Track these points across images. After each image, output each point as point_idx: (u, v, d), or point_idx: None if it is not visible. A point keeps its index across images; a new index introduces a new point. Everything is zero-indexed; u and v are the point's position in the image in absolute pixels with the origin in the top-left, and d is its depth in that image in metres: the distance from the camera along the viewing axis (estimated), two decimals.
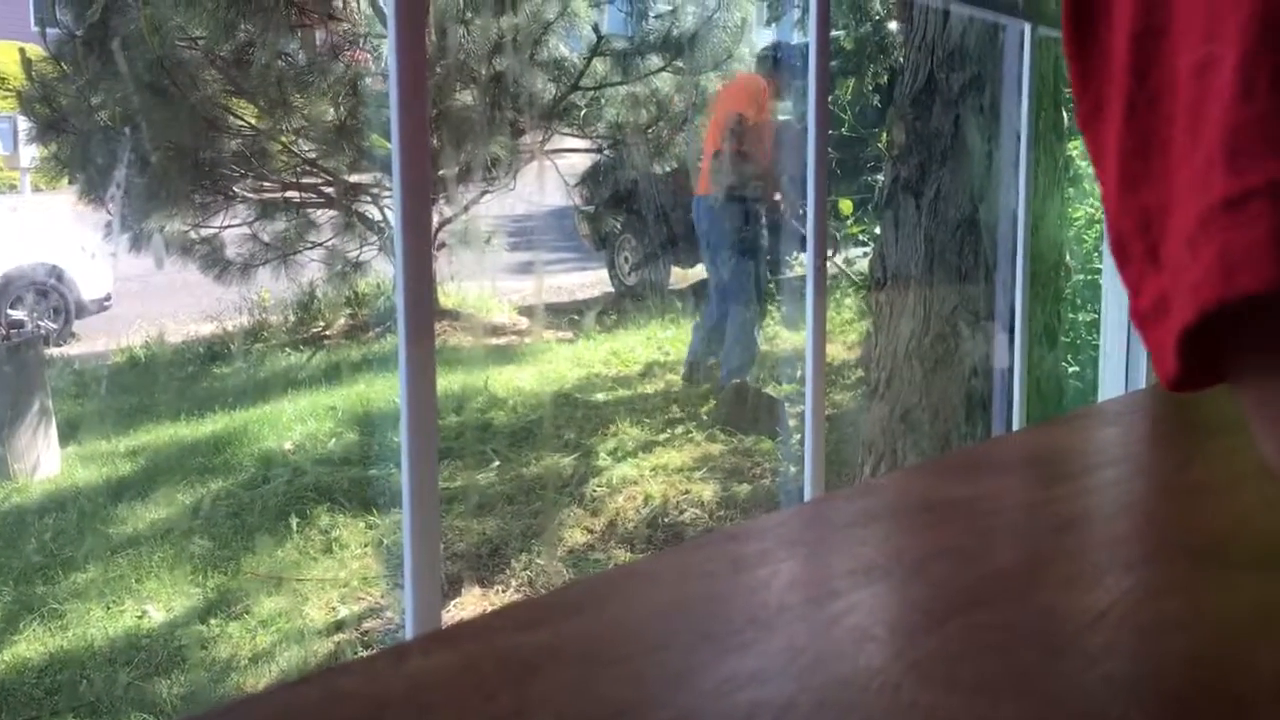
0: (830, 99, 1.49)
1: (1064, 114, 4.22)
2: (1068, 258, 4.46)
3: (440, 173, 6.46)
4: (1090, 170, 5.05)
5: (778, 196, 6.67)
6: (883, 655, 0.54)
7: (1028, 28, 2.03)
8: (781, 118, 6.80)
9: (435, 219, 6.62)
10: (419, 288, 1.09)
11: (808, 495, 1.48)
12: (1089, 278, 4.83)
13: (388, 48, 1.01)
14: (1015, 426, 2.01)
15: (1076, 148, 4.93)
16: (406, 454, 1.08)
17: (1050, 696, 0.50)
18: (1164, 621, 0.58)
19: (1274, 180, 0.27)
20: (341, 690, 0.50)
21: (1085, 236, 5.10)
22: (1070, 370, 4.56)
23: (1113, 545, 0.73)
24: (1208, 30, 0.30)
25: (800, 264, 7.66)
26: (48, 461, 5.22)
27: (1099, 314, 4.47)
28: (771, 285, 6.98)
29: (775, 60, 7.03)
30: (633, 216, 8.12)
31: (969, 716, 0.49)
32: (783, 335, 7.17)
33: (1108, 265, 2.48)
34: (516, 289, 8.21)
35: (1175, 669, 0.53)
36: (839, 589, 0.63)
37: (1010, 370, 2.59)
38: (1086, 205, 5.12)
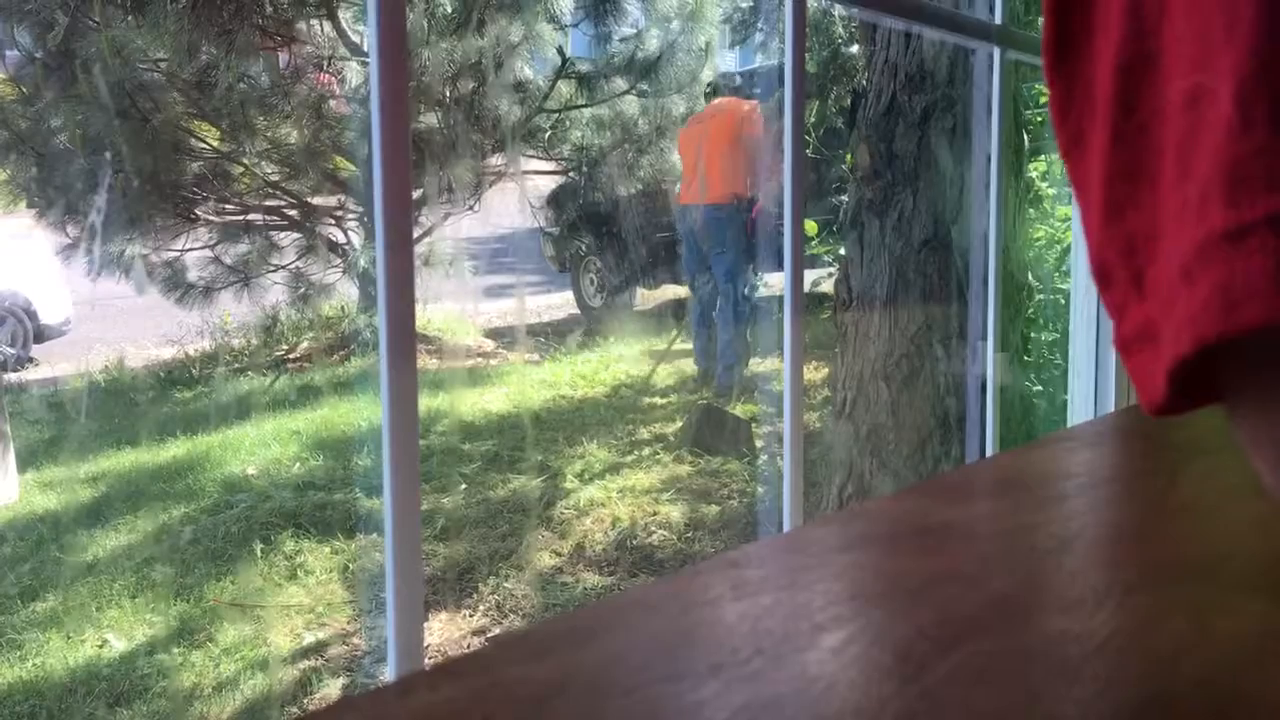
0: None
1: (1024, 135, 4.26)
2: (1030, 277, 4.50)
3: None
4: (1050, 191, 5.12)
5: (757, 210, 6.79)
6: (894, 683, 0.54)
7: (997, 51, 2.05)
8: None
9: None
10: (401, 309, 1.08)
11: (786, 516, 1.47)
12: (1051, 297, 4.88)
13: (370, 70, 1.01)
14: (989, 446, 2.02)
15: (1037, 169, 4.98)
16: (389, 477, 1.07)
17: None
18: (1172, 645, 0.58)
19: (1274, 214, 0.27)
20: None
21: (1046, 256, 5.15)
22: (1034, 389, 4.60)
23: (1111, 568, 0.73)
24: (1199, 60, 0.30)
25: (765, 285, 7.70)
26: (5, 488, 5.14)
27: (1060, 333, 4.51)
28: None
29: (727, 88, 7.23)
30: (598, 238, 8.13)
31: None
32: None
33: (1076, 285, 2.50)
34: (482, 311, 8.19)
35: (1188, 694, 0.53)
36: (842, 615, 0.62)
37: (982, 390, 2.60)
38: (1047, 225, 5.18)
